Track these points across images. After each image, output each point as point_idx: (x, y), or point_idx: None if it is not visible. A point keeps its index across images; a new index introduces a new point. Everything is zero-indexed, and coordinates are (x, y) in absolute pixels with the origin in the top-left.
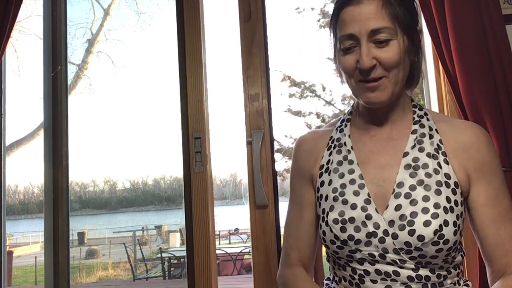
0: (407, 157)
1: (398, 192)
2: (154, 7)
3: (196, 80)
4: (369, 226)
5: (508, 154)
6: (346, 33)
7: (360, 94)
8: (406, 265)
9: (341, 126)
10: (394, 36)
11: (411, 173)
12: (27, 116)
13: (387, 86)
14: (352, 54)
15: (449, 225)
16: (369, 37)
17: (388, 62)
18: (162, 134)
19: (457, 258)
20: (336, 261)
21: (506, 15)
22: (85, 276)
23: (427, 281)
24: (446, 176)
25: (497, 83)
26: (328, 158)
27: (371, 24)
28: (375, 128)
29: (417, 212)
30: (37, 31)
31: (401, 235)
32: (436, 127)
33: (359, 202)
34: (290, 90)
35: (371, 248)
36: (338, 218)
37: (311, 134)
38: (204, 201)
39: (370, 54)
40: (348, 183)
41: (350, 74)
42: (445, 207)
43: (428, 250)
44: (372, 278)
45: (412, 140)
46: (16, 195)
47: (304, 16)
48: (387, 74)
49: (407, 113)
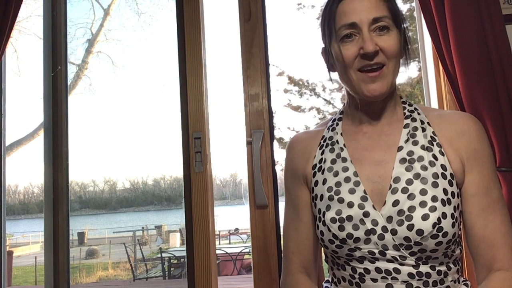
0: (402, 151)
1: (395, 187)
2: (154, 7)
3: (196, 80)
4: (367, 224)
5: (508, 154)
6: (348, 22)
7: (359, 86)
8: (407, 262)
9: (333, 125)
10: (392, 27)
11: (407, 167)
12: (27, 116)
13: (387, 76)
14: (352, 43)
15: (447, 217)
16: (370, 26)
17: (390, 49)
18: (162, 134)
19: (456, 252)
20: (335, 260)
21: (506, 15)
22: (85, 276)
23: (428, 278)
24: (442, 167)
25: (497, 83)
26: (321, 157)
27: (372, 13)
28: (367, 125)
29: (415, 207)
30: (37, 31)
31: (400, 230)
32: (427, 120)
33: (355, 200)
34: (289, 89)
35: (370, 245)
36: (335, 217)
37: (303, 134)
38: (204, 201)
39: (373, 40)
40: (343, 181)
41: (349, 63)
42: (443, 200)
43: (427, 244)
44: (373, 277)
45: (405, 134)
46: (16, 195)
47: (304, 13)
48: (387, 62)
49: (398, 109)
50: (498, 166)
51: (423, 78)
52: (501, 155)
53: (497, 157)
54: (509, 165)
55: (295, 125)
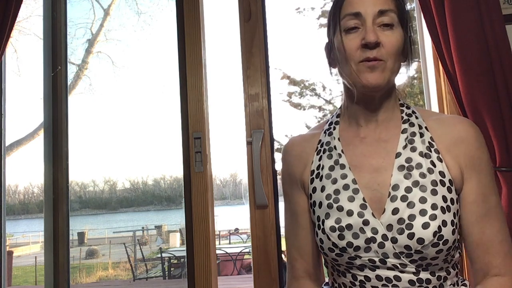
0: (400, 158)
1: (394, 195)
2: (154, 7)
3: (196, 80)
4: (367, 232)
5: (508, 154)
6: (353, 12)
7: (359, 76)
8: (407, 269)
9: (330, 129)
10: (397, 25)
11: (406, 174)
12: (27, 116)
13: (385, 70)
14: (355, 34)
15: (447, 225)
16: (374, 19)
17: (390, 45)
18: (162, 134)
19: (456, 256)
20: (336, 267)
21: (506, 15)
22: (85, 276)
23: (428, 284)
24: (441, 174)
25: (497, 83)
26: (318, 163)
27: (378, 5)
28: (365, 130)
29: (415, 215)
30: (37, 31)
31: (401, 239)
32: (425, 125)
33: (354, 208)
34: (289, 89)
35: (371, 253)
36: (335, 226)
37: (299, 138)
38: (204, 201)
39: (375, 32)
40: (341, 189)
41: (351, 55)
42: (442, 207)
43: (428, 252)
44: (373, 284)
45: (403, 140)
46: (16, 195)
47: (305, 16)
48: (387, 59)
49: (396, 112)
50: (498, 166)
51: (423, 78)
52: (501, 155)
53: (497, 157)
54: (509, 165)
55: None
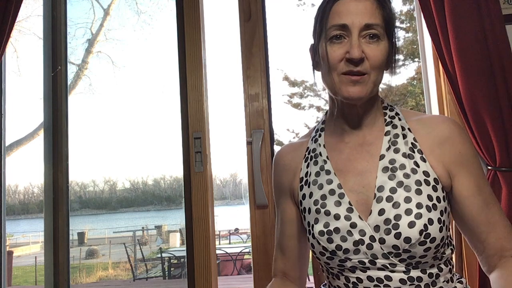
0: (384, 159)
1: (379, 196)
2: (154, 7)
3: (196, 80)
4: (355, 235)
5: (508, 154)
6: (339, 23)
7: (340, 88)
8: (397, 269)
9: (316, 136)
10: (382, 37)
11: (390, 176)
12: (27, 116)
13: (368, 83)
14: (340, 45)
15: (433, 223)
16: (361, 31)
17: (375, 59)
18: (162, 134)
19: (447, 253)
20: (330, 271)
21: (506, 15)
22: (85, 276)
23: (419, 282)
24: (425, 174)
25: (497, 83)
26: (306, 170)
27: (365, 19)
28: (349, 135)
29: (400, 215)
30: (37, 31)
31: (388, 239)
32: (408, 126)
33: (341, 212)
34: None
35: (360, 255)
36: (323, 230)
37: (287, 147)
38: (204, 201)
39: (360, 47)
40: (328, 194)
41: (334, 65)
42: (428, 206)
43: (416, 250)
44: (365, 285)
45: (386, 142)
46: (16, 195)
47: (304, 10)
48: (370, 72)
49: (379, 116)
50: (498, 166)
51: (423, 78)
52: (501, 155)
53: (497, 157)
54: (509, 165)
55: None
